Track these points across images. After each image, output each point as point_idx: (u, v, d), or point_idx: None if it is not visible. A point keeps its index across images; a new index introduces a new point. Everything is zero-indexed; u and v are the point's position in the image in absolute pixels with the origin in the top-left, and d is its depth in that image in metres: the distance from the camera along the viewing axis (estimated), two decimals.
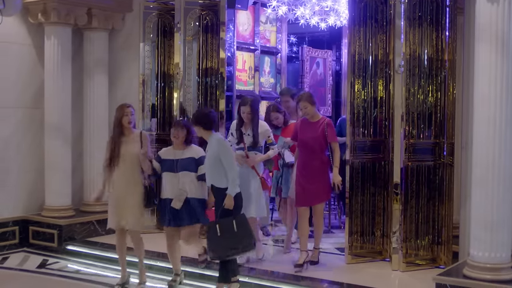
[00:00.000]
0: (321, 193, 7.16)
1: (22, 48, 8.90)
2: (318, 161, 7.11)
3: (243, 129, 7.35)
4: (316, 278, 6.82)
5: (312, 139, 7.10)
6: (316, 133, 7.09)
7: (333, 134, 7.12)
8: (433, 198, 7.25)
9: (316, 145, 7.08)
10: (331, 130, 7.11)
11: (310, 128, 7.16)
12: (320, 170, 7.14)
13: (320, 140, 7.07)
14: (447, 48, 7.18)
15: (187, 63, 8.86)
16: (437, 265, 7.22)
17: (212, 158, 6.44)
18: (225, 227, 6.26)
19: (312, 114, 7.17)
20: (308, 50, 12.47)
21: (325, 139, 7.07)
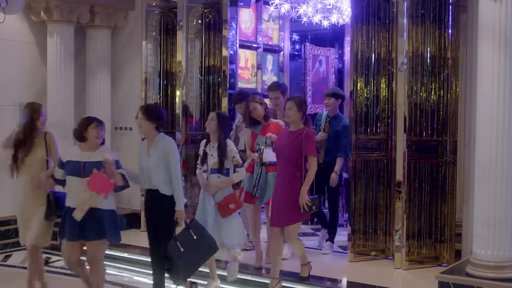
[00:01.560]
0: (292, 213, 6.25)
1: (24, 46, 8.91)
2: (291, 175, 6.27)
3: (207, 148, 6.59)
4: (319, 276, 6.81)
5: (287, 149, 6.31)
6: (292, 143, 6.28)
7: (312, 147, 6.24)
8: (436, 196, 7.25)
9: (290, 156, 6.27)
10: (310, 142, 6.23)
11: (288, 136, 6.39)
12: (291, 186, 6.25)
13: (295, 151, 6.24)
14: (450, 46, 7.16)
15: (189, 61, 8.86)
16: (440, 263, 7.21)
17: (160, 160, 5.97)
18: (185, 240, 5.91)
19: (293, 120, 6.36)
20: (311, 48, 12.44)
21: (301, 152, 6.22)
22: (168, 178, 5.99)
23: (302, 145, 6.21)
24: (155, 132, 6.09)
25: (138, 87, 9.21)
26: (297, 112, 6.33)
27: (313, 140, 6.32)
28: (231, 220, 6.52)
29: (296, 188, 6.22)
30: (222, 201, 6.47)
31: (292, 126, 6.41)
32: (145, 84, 9.14)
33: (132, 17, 9.40)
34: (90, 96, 9.21)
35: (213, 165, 6.48)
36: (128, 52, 9.43)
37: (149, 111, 6.11)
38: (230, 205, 6.47)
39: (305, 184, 6.21)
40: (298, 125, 6.38)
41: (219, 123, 6.46)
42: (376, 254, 7.57)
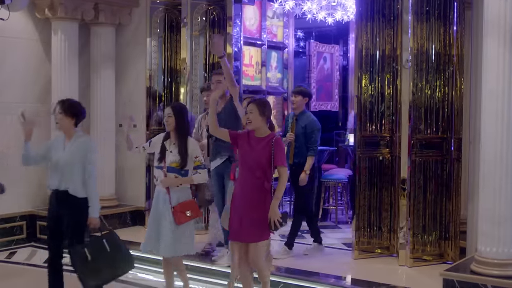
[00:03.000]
0: (256, 229, 5.54)
1: (29, 44, 8.92)
2: (257, 188, 5.53)
3: (167, 143, 6.06)
4: (323, 273, 6.81)
5: (253, 158, 5.53)
6: (259, 151, 5.53)
7: (282, 156, 5.52)
8: (441, 194, 7.24)
9: (257, 166, 5.51)
10: (279, 150, 5.50)
11: (253, 143, 5.58)
12: (259, 199, 5.52)
13: (263, 161, 5.49)
14: (454, 42, 7.14)
15: (194, 58, 8.86)
16: (445, 260, 7.20)
17: (77, 158, 5.66)
18: (95, 250, 5.58)
19: (258, 126, 5.56)
20: (315, 45, 12.45)
21: (270, 161, 5.48)
22: (83, 179, 5.68)
23: (271, 154, 5.46)
24: (74, 129, 5.83)
25: (143, 84, 9.21)
26: (260, 117, 5.53)
27: (282, 147, 5.62)
28: (183, 229, 5.93)
29: (266, 202, 5.49)
30: (178, 206, 5.91)
31: (257, 133, 5.60)
32: (150, 81, 9.14)
33: (136, 14, 9.40)
34: (94, 93, 9.21)
35: (171, 163, 5.94)
36: (133, 49, 9.43)
37: (70, 107, 5.79)
38: (187, 212, 5.91)
39: (275, 198, 5.48)
40: (264, 131, 5.59)
41: (177, 119, 5.96)
42: (380, 251, 7.56)
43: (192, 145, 6.01)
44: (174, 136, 5.98)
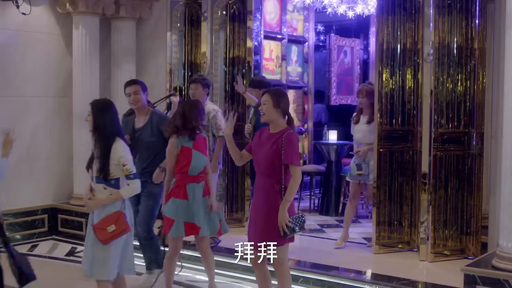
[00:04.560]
0: (266, 232, 5.12)
1: (50, 38, 8.97)
2: (268, 189, 5.14)
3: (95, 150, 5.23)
4: (343, 268, 6.80)
5: (264, 157, 5.14)
6: (269, 148, 5.10)
7: (292, 154, 5.03)
8: (462, 188, 7.18)
9: (266, 165, 5.12)
10: (290, 147, 5.03)
11: (266, 140, 5.19)
12: (270, 201, 5.13)
13: (273, 159, 5.06)
14: (477, 36, 7.08)
15: (214, 52, 8.86)
16: (466, 255, 7.16)
17: None
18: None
19: (271, 119, 5.15)
20: (336, 39, 12.40)
21: (280, 159, 5.06)
22: None
23: (281, 151, 5.03)
24: None
25: (163, 78, 9.23)
26: (273, 107, 5.11)
27: (295, 144, 5.10)
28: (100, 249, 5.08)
29: (275, 204, 5.07)
30: (98, 223, 5.07)
31: (271, 127, 5.19)
32: (170, 75, 9.16)
33: (156, 8, 9.41)
34: (115, 87, 9.24)
35: (97, 172, 5.12)
36: (153, 43, 9.45)
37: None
38: (108, 227, 5.01)
39: (285, 200, 5.04)
40: (278, 125, 5.15)
41: (96, 117, 5.17)
42: (401, 246, 7.53)
43: (119, 149, 5.10)
44: (95, 138, 5.17)
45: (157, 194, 6.50)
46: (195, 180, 6.00)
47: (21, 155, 8.51)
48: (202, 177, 6.06)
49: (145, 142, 6.47)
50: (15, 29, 8.50)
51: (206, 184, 6.10)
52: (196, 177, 6.00)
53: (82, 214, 8.65)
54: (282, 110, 5.14)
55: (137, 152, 6.36)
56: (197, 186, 6.01)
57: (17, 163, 8.41)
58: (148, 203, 6.49)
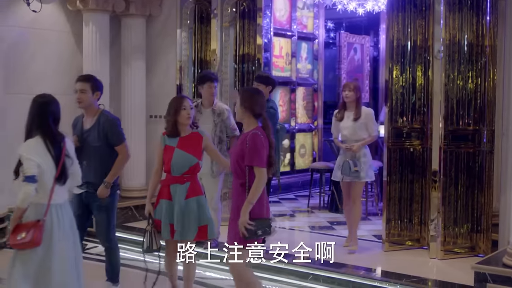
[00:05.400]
0: (231, 234, 5.03)
1: (61, 36, 9.00)
2: (237, 190, 5.01)
3: None
4: (353, 265, 6.80)
5: (232, 157, 5.08)
6: (236, 148, 5.02)
7: (253, 155, 4.83)
8: (472, 186, 7.16)
9: (234, 166, 4.99)
10: (252, 147, 4.84)
11: (238, 140, 5.19)
12: (236, 202, 5.01)
13: (238, 159, 4.94)
14: (487, 33, 7.05)
15: (224, 49, 8.86)
16: (476, 253, 7.14)
17: None
18: None
19: (240, 118, 5.09)
20: (346, 36, 12.39)
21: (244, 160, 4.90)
22: None
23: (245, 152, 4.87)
24: None
25: (173, 76, 9.25)
26: (239, 107, 4.99)
27: (257, 145, 4.86)
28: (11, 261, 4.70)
29: (240, 205, 4.90)
30: (18, 225, 4.64)
31: (243, 126, 5.09)
32: (180, 73, 9.18)
33: (166, 6, 9.42)
34: (125, 84, 9.27)
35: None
36: (163, 40, 9.46)
37: None
38: (19, 235, 4.55)
39: (247, 202, 4.83)
40: (249, 125, 5.01)
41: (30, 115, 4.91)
42: (411, 243, 7.52)
43: (23, 147, 4.72)
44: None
45: (108, 205, 5.92)
46: (178, 181, 5.63)
47: None
48: (186, 178, 5.65)
49: (92, 147, 5.85)
50: (26, 26, 8.53)
51: (193, 186, 5.68)
52: (179, 178, 5.63)
53: None
54: (249, 109, 4.95)
55: (85, 158, 5.76)
56: (180, 187, 5.62)
57: None
58: (101, 216, 5.96)
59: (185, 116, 5.62)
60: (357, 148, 7.26)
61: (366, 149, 7.40)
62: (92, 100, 5.92)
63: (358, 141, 7.28)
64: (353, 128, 7.30)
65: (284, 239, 8.38)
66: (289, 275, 6.75)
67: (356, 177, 7.26)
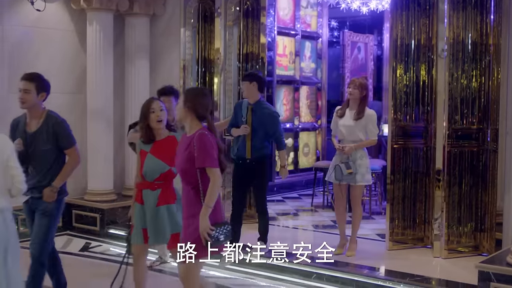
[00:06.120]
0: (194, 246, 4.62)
1: (65, 35, 9.01)
2: (188, 197, 4.69)
3: None
4: (357, 264, 6.80)
5: (179, 162, 4.74)
6: (183, 152, 4.67)
7: (204, 155, 4.55)
8: (476, 185, 7.16)
9: (183, 171, 4.67)
10: (201, 148, 4.55)
11: (182, 144, 4.78)
12: (189, 209, 4.67)
13: (187, 164, 4.61)
14: (491, 32, 7.04)
15: (227, 48, 8.86)
16: (480, 252, 7.13)
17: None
18: None
19: (181, 118, 4.77)
20: (349, 35, 12.38)
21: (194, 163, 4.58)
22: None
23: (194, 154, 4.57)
24: None
25: (177, 74, 9.25)
26: (182, 106, 4.69)
27: (206, 145, 4.57)
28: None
29: (194, 212, 4.60)
30: None
31: (186, 129, 4.78)
32: (184, 71, 9.18)
33: (170, 5, 9.42)
34: (129, 83, 9.28)
35: None
36: (167, 39, 9.46)
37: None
38: None
39: (205, 206, 4.53)
40: (192, 126, 4.70)
41: None
42: (414, 242, 7.51)
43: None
44: None
45: (53, 211, 5.51)
46: (150, 187, 5.41)
47: None
48: (158, 185, 5.41)
49: (40, 150, 5.46)
50: (30, 25, 8.55)
51: (165, 193, 5.42)
52: (150, 184, 5.41)
53: (96, 209, 8.71)
54: (192, 110, 4.65)
55: (32, 162, 5.45)
56: (151, 194, 5.40)
57: None
58: (42, 221, 5.47)
59: (154, 119, 5.37)
60: (349, 150, 6.89)
61: (364, 151, 7.06)
62: (36, 100, 5.53)
63: (355, 142, 6.95)
64: (352, 128, 6.97)
65: (288, 238, 8.41)
66: (292, 274, 6.75)
67: (352, 179, 6.95)
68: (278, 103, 11.31)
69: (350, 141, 6.98)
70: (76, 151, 5.68)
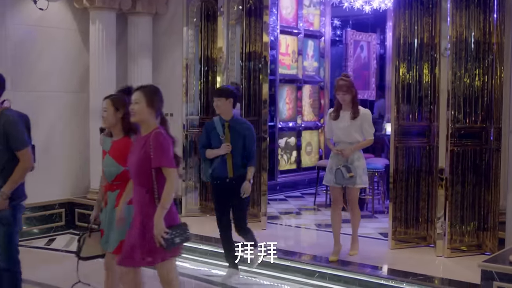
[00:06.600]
0: (137, 249, 4.52)
1: (67, 33, 9.01)
2: (141, 199, 4.56)
3: None
4: (359, 263, 6.79)
5: (133, 163, 4.59)
6: (139, 153, 4.54)
7: (160, 155, 4.46)
8: (479, 184, 7.15)
9: (138, 172, 4.54)
10: (158, 148, 4.46)
11: (136, 144, 4.67)
12: (143, 212, 4.54)
13: (143, 164, 4.49)
14: (495, 30, 7.03)
15: (230, 47, 8.86)
16: (483, 251, 7.12)
17: None
18: None
19: (142, 119, 4.61)
20: (352, 34, 12.37)
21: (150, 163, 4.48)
22: None
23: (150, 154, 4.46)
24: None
25: (179, 73, 9.25)
26: (146, 107, 4.56)
27: (163, 144, 4.49)
28: None
29: (149, 214, 4.47)
30: None
31: (142, 129, 4.64)
32: (186, 70, 9.18)
33: (173, 3, 9.42)
34: (131, 82, 9.23)
35: None
36: (169, 38, 9.47)
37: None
38: None
39: (160, 208, 4.41)
40: (149, 126, 4.59)
41: None
42: (417, 241, 7.51)
43: None
44: None
45: (8, 219, 5.13)
46: (110, 188, 5.18)
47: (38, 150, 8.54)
48: (116, 186, 5.14)
49: None
50: (33, 24, 8.55)
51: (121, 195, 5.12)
52: (110, 185, 5.18)
53: None
54: (156, 109, 4.61)
55: None
56: (111, 195, 5.17)
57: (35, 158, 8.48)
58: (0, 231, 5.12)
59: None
60: (349, 153, 6.74)
61: (360, 152, 6.88)
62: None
63: (352, 144, 6.77)
64: (348, 129, 6.77)
65: (290, 237, 8.41)
66: (295, 272, 6.75)
67: (352, 183, 6.77)
68: (281, 102, 11.32)
69: (347, 142, 6.79)
70: (28, 153, 5.17)
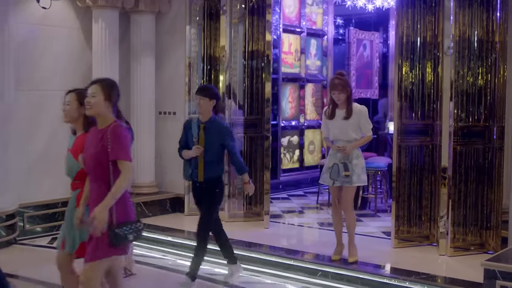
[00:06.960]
0: (96, 245, 4.39)
1: (70, 32, 9.02)
2: (98, 193, 4.44)
3: None
4: (362, 262, 6.78)
5: (90, 157, 4.48)
6: (96, 147, 4.45)
7: (117, 147, 4.39)
8: (482, 183, 7.14)
9: (95, 166, 4.45)
10: (115, 141, 4.40)
11: (92, 137, 4.56)
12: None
13: (101, 158, 4.41)
14: (498, 29, 7.02)
15: (233, 45, 8.86)
16: (486, 250, 7.11)
17: None
18: None
19: (99, 112, 4.50)
20: (355, 32, 12.36)
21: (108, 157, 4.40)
22: None
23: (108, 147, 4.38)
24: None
25: (182, 72, 9.25)
26: (104, 101, 4.47)
27: (121, 136, 4.44)
28: None
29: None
30: None
31: (99, 122, 4.55)
32: (189, 69, 9.18)
33: (176, 2, 9.42)
34: (134, 81, 9.29)
35: None
36: (172, 37, 9.47)
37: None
38: None
39: (110, 195, 4.31)
40: (106, 119, 4.51)
41: None
42: (420, 240, 7.50)
43: None
44: None
45: None
46: (72, 187, 5.08)
47: (41, 149, 8.59)
48: (76, 185, 5.02)
49: None
50: (36, 23, 8.56)
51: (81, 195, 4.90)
52: (72, 184, 5.07)
53: None
54: (113, 103, 4.55)
55: None
56: (73, 194, 5.05)
57: (38, 157, 8.50)
58: None
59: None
60: (350, 150, 6.58)
61: (359, 150, 6.73)
62: None
63: (350, 142, 6.62)
64: (345, 127, 6.62)
65: (293, 235, 8.41)
66: (297, 271, 6.75)
67: (348, 181, 6.61)
68: (284, 101, 11.31)
69: (344, 141, 6.64)
70: None
